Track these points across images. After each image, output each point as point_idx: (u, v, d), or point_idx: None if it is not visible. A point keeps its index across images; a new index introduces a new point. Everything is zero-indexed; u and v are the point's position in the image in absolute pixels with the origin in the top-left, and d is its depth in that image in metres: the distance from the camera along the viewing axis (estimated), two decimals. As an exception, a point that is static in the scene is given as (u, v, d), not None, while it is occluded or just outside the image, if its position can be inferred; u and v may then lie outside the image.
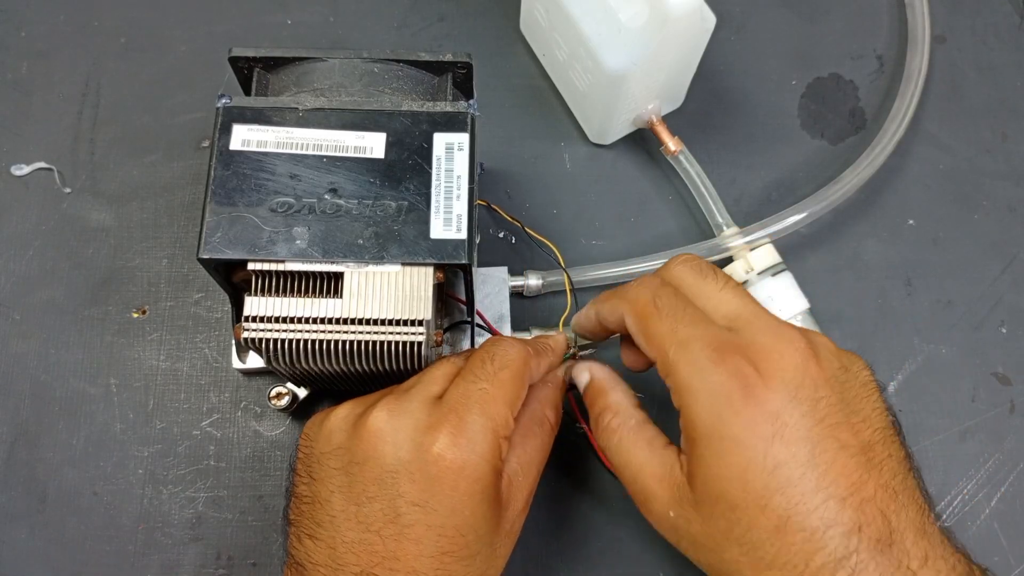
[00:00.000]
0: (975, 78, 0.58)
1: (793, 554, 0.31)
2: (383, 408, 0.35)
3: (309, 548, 0.35)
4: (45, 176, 0.52)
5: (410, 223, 0.37)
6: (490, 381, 0.36)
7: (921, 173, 0.55)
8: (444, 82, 0.42)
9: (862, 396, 0.34)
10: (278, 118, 0.39)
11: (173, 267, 0.51)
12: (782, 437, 0.32)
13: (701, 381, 0.33)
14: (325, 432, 0.37)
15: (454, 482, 0.33)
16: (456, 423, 0.34)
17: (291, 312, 0.36)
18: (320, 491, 0.35)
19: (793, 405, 0.32)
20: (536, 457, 0.38)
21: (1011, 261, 0.53)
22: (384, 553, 0.33)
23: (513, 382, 0.36)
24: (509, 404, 0.36)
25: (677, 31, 0.45)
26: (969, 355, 0.51)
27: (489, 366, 0.36)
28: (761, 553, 0.32)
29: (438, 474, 0.33)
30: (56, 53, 0.55)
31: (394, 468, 0.34)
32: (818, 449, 0.32)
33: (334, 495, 0.35)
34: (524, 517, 0.38)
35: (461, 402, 0.35)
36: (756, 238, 0.49)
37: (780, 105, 0.57)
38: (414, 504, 0.33)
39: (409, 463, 0.34)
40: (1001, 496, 0.48)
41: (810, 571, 0.31)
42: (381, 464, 0.34)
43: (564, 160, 0.54)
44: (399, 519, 0.33)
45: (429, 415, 0.35)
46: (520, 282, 0.49)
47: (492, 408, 0.35)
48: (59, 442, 0.47)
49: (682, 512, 0.34)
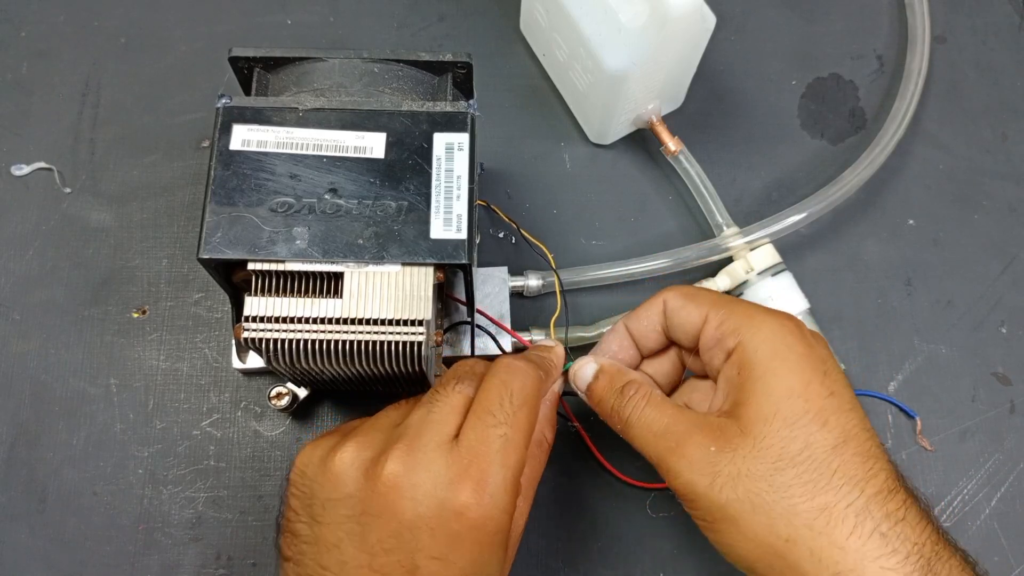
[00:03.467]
0: (975, 78, 0.58)
1: (850, 477, 0.32)
2: (397, 460, 0.33)
3: None
4: (45, 176, 0.52)
5: (410, 223, 0.37)
6: (510, 424, 0.34)
7: (921, 173, 0.55)
8: (444, 82, 0.42)
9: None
10: (278, 118, 0.39)
11: (173, 267, 0.51)
12: (831, 375, 0.35)
13: (762, 319, 0.36)
14: (331, 477, 0.34)
15: (476, 537, 0.32)
16: (478, 477, 0.33)
17: (291, 312, 0.36)
18: (326, 535, 0.34)
19: (831, 362, 0.36)
20: (536, 478, 0.38)
21: (1011, 261, 0.53)
22: None
23: (530, 419, 0.35)
24: (527, 444, 0.35)
25: (677, 31, 0.45)
26: (969, 355, 0.51)
27: (508, 405, 0.34)
28: (817, 475, 0.32)
29: (460, 530, 0.32)
30: (56, 53, 0.55)
31: (413, 523, 0.32)
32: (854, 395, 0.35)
33: (344, 542, 0.33)
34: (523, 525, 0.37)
35: (482, 451, 0.33)
36: (756, 238, 0.49)
37: (780, 105, 0.57)
38: (434, 558, 0.32)
39: (430, 519, 0.32)
40: (1001, 496, 0.48)
41: (865, 496, 0.32)
42: (399, 519, 0.32)
43: (564, 160, 0.54)
44: (417, 571, 0.32)
45: (448, 466, 0.33)
46: (520, 282, 0.49)
47: (514, 456, 0.34)
48: (59, 442, 0.47)
49: (726, 443, 0.34)
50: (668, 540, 0.46)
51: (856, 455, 0.33)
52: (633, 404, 0.37)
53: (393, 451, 0.33)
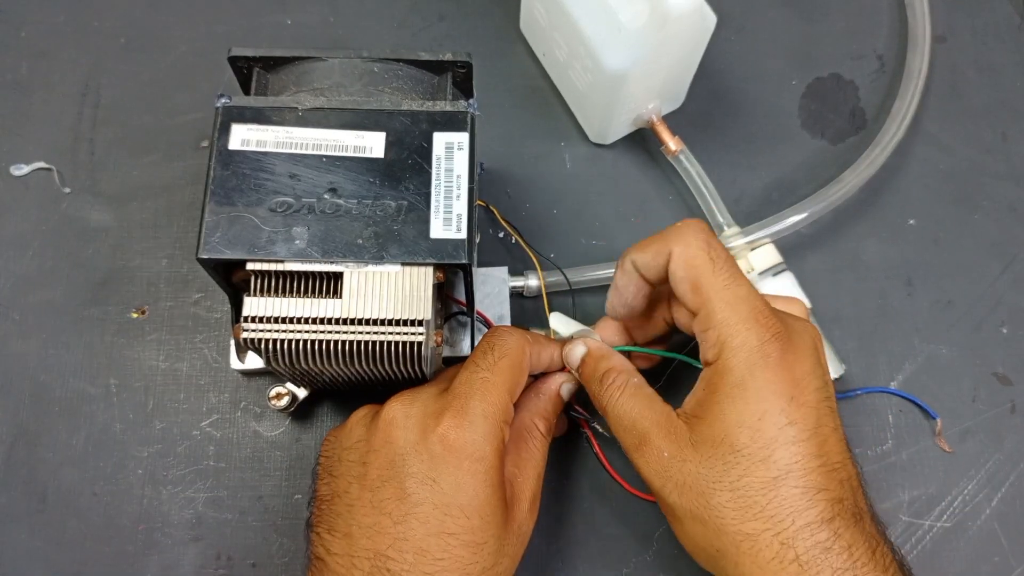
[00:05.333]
0: (975, 78, 0.58)
1: (783, 508, 0.33)
2: (397, 400, 0.38)
3: (327, 541, 0.36)
4: (45, 176, 0.52)
5: (410, 223, 0.37)
6: (490, 370, 0.37)
7: (921, 173, 0.55)
8: (444, 82, 0.42)
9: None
10: (277, 118, 0.39)
11: (173, 267, 0.50)
12: (799, 401, 0.35)
13: (744, 339, 0.35)
14: (346, 431, 0.39)
15: (457, 460, 0.35)
16: (459, 407, 0.36)
17: (290, 312, 0.36)
18: (339, 485, 0.37)
19: (812, 378, 0.36)
20: (530, 461, 0.39)
21: (1011, 261, 0.53)
22: (395, 534, 0.35)
23: (512, 370, 0.38)
24: (508, 391, 0.38)
25: (677, 31, 0.45)
26: (969, 355, 0.51)
27: (490, 356, 0.38)
28: (751, 502, 0.34)
29: (442, 453, 0.35)
30: (56, 53, 0.55)
31: (403, 450, 0.36)
32: (822, 421, 0.35)
33: (351, 485, 0.37)
34: (531, 522, 0.39)
35: (463, 389, 0.37)
36: (757, 238, 0.49)
37: (780, 105, 0.57)
38: (421, 483, 0.35)
39: (416, 443, 0.36)
40: (1001, 496, 0.48)
41: (795, 527, 0.33)
42: (393, 448, 0.36)
43: (564, 160, 0.54)
44: (407, 498, 0.35)
45: (436, 402, 0.37)
46: (520, 282, 0.49)
47: (492, 394, 0.37)
48: (59, 442, 0.47)
49: (678, 452, 0.36)
50: (668, 541, 0.46)
51: (795, 488, 0.34)
52: (609, 394, 0.39)
53: (395, 396, 0.38)
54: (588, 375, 0.41)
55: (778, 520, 0.33)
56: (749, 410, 0.35)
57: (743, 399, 0.35)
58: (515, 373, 0.38)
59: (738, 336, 0.36)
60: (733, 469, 0.34)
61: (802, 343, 0.36)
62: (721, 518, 0.34)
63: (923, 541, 0.47)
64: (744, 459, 0.34)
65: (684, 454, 0.36)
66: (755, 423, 0.34)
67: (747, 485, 0.34)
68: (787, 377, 0.35)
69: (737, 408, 0.35)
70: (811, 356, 0.36)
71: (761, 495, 0.34)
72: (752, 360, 0.35)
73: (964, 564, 0.46)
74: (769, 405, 0.34)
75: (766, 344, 0.35)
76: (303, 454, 0.47)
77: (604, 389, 0.40)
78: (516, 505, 0.38)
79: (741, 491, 0.34)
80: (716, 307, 0.36)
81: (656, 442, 0.37)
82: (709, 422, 0.35)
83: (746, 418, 0.34)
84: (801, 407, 0.35)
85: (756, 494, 0.34)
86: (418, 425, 0.36)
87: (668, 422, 0.37)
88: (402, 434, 0.36)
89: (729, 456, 0.34)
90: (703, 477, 0.35)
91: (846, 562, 0.33)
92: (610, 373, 0.40)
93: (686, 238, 0.38)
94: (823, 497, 0.34)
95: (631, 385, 0.39)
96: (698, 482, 0.35)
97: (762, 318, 0.36)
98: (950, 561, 0.46)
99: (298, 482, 0.47)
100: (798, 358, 0.36)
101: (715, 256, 0.37)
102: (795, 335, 0.36)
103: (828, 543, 0.33)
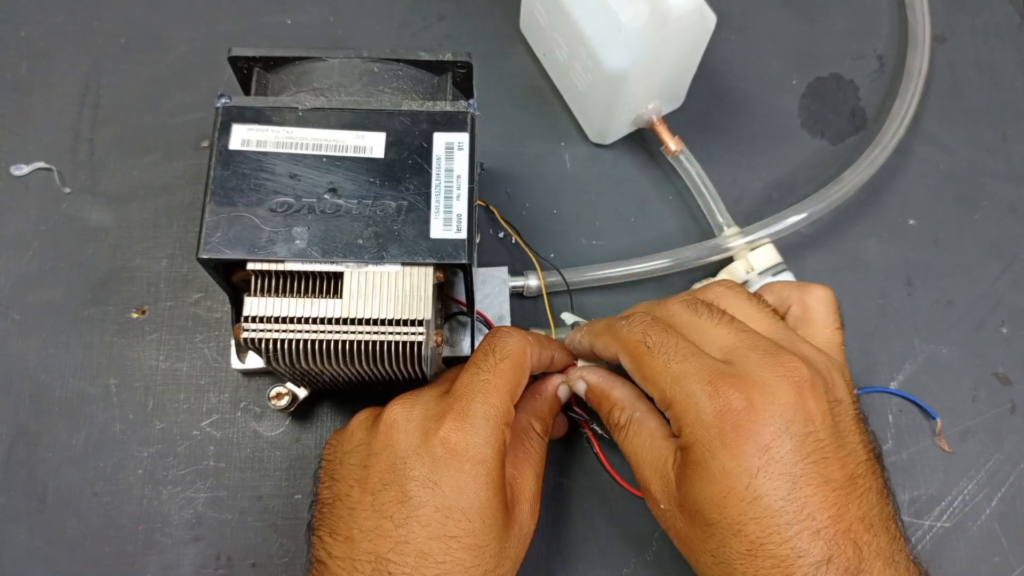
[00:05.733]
0: (975, 78, 0.58)
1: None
2: (397, 402, 0.38)
3: (329, 544, 0.36)
4: (45, 176, 0.52)
5: (410, 223, 0.37)
6: (491, 371, 0.37)
7: (921, 173, 0.55)
8: (444, 82, 0.42)
9: (851, 429, 0.36)
10: (278, 118, 0.39)
11: (173, 267, 0.50)
12: (767, 471, 0.33)
13: (696, 415, 0.34)
14: (347, 434, 0.39)
15: (459, 463, 0.35)
16: (460, 410, 0.36)
17: (291, 312, 0.36)
18: (341, 489, 0.37)
19: (784, 439, 0.33)
20: (528, 462, 0.40)
21: (1011, 261, 0.53)
22: (396, 537, 0.35)
23: (513, 371, 0.38)
24: (509, 392, 0.37)
25: (677, 31, 0.45)
26: (969, 355, 0.51)
27: (491, 358, 0.38)
28: (731, 569, 0.34)
29: (444, 455, 0.35)
30: (56, 53, 0.55)
31: (405, 453, 0.36)
32: (800, 483, 0.33)
33: (353, 488, 0.37)
34: (532, 523, 0.39)
35: (465, 391, 0.37)
36: (757, 238, 0.49)
37: (780, 105, 0.57)
38: (423, 486, 0.35)
39: (418, 447, 0.36)
40: (1001, 496, 0.48)
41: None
42: (395, 451, 0.36)
43: (564, 160, 0.54)
44: (409, 501, 0.35)
45: (438, 405, 0.37)
46: (520, 282, 0.49)
47: (493, 397, 0.37)
48: (59, 442, 0.47)
49: (670, 508, 0.37)
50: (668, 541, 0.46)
51: (768, 559, 0.33)
52: (618, 429, 0.40)
53: (396, 399, 0.38)
54: (594, 406, 0.42)
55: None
56: (714, 489, 0.34)
57: (707, 478, 0.34)
58: (516, 375, 0.38)
59: (690, 411, 0.35)
60: (711, 539, 0.34)
61: (768, 399, 0.34)
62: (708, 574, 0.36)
63: (923, 541, 0.47)
64: (718, 532, 0.34)
65: (675, 512, 0.36)
66: (721, 500, 0.34)
67: (726, 555, 0.34)
68: (750, 449, 0.33)
69: (702, 486, 0.34)
70: (781, 411, 0.34)
71: (740, 564, 0.34)
72: (709, 438, 0.34)
73: (964, 564, 0.46)
74: (732, 482, 0.33)
75: (724, 415, 0.34)
76: (303, 454, 0.47)
77: (612, 427, 0.40)
78: (517, 507, 0.38)
79: (721, 558, 0.34)
80: (665, 387, 0.36)
81: (654, 493, 0.37)
82: (684, 493, 0.35)
83: (712, 496, 0.34)
84: (770, 477, 0.33)
85: (735, 562, 0.34)
86: (419, 428, 0.36)
87: (663, 471, 0.37)
88: (403, 437, 0.36)
89: (705, 527, 0.35)
90: (689, 538, 0.36)
91: None
92: (613, 411, 0.40)
93: (623, 335, 0.38)
94: (803, 563, 0.32)
95: (633, 422, 0.39)
96: (688, 539, 0.36)
97: (711, 387, 0.34)
98: (950, 561, 0.46)
99: (298, 482, 0.47)
100: (763, 421, 0.33)
101: (652, 342, 0.37)
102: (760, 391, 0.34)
103: None
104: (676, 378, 0.35)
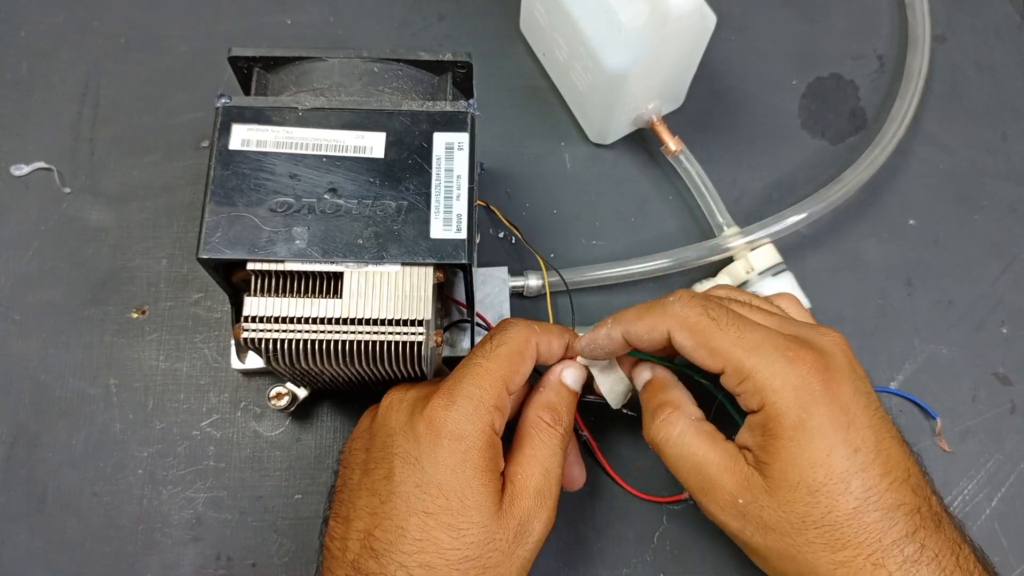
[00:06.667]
0: (975, 78, 0.58)
1: (869, 533, 0.34)
2: (398, 388, 0.39)
3: (332, 528, 0.38)
4: (45, 176, 0.52)
5: (410, 223, 0.37)
6: (486, 357, 0.38)
7: (921, 173, 0.55)
8: (444, 82, 0.42)
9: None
10: (277, 118, 0.39)
11: (173, 267, 0.50)
12: (855, 425, 0.35)
13: (784, 379, 0.35)
14: (358, 425, 0.41)
15: (436, 438, 0.36)
16: (447, 389, 0.37)
17: (291, 312, 0.36)
18: (346, 474, 0.39)
19: (856, 397, 0.35)
20: (535, 456, 0.38)
21: (1011, 261, 0.53)
22: (381, 514, 0.35)
23: (509, 358, 0.38)
24: (502, 377, 0.37)
25: (677, 31, 0.45)
26: (969, 355, 0.51)
27: (488, 344, 0.38)
28: (839, 534, 0.34)
29: (425, 431, 0.36)
30: (56, 53, 0.55)
31: (394, 430, 0.37)
32: (880, 436, 0.35)
33: (355, 472, 0.38)
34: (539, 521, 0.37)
35: (456, 374, 0.38)
36: (757, 238, 0.49)
37: (780, 105, 0.57)
38: (405, 462, 0.36)
39: (404, 424, 0.37)
40: (1002, 496, 0.48)
41: (883, 547, 0.33)
42: (388, 429, 0.37)
43: (564, 160, 0.54)
44: (392, 477, 0.36)
45: (429, 387, 0.38)
46: (520, 282, 0.49)
47: (482, 379, 0.37)
48: (59, 442, 0.47)
49: (754, 499, 0.36)
50: (668, 541, 0.46)
51: (876, 511, 0.34)
52: (669, 427, 0.38)
53: (395, 386, 0.40)
54: (644, 403, 0.41)
55: (867, 544, 0.33)
56: (816, 448, 0.34)
57: (807, 440, 0.34)
58: (513, 361, 0.38)
59: (777, 378, 0.35)
60: (815, 508, 0.34)
61: (835, 362, 0.36)
62: (812, 554, 0.34)
63: (923, 541, 0.47)
64: (824, 497, 0.34)
65: (760, 500, 0.35)
66: (825, 460, 0.34)
67: (832, 520, 0.34)
68: (838, 407, 0.35)
69: (804, 450, 0.34)
70: (848, 372, 0.36)
71: (847, 526, 0.34)
72: (802, 399, 0.35)
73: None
74: (832, 438, 0.34)
75: (808, 377, 0.35)
76: (303, 454, 0.47)
77: (657, 424, 0.39)
78: (516, 501, 0.37)
79: (827, 526, 0.34)
80: (741, 358, 0.36)
81: (728, 488, 0.36)
82: (780, 467, 0.35)
83: (816, 457, 0.34)
84: (860, 431, 0.35)
85: (842, 526, 0.34)
86: (409, 407, 0.37)
87: (736, 466, 0.36)
88: (395, 415, 0.37)
89: (808, 497, 0.34)
90: (786, 520, 0.35)
91: (935, 572, 0.33)
92: (665, 407, 0.39)
93: (679, 313, 0.37)
94: (902, 512, 0.34)
95: (690, 422, 0.38)
96: (781, 524, 0.35)
97: (791, 352, 0.35)
98: (950, 561, 0.46)
99: (298, 482, 0.47)
100: (840, 381, 0.35)
101: (715, 315, 0.37)
102: (827, 356, 0.36)
103: (916, 556, 0.33)
104: (753, 348, 0.36)
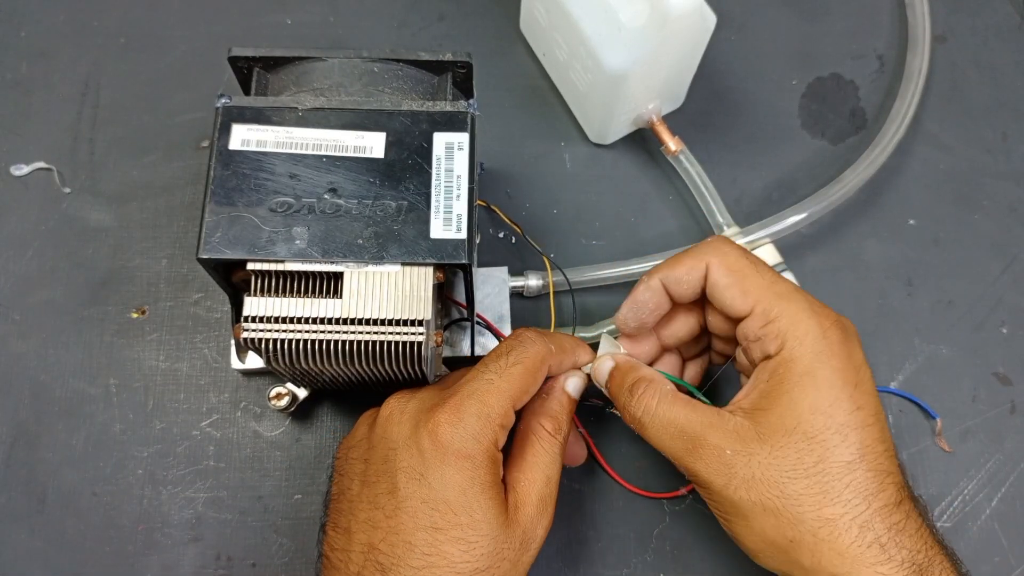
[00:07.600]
0: (975, 78, 0.58)
1: (858, 492, 0.34)
2: (395, 396, 0.39)
3: (332, 538, 0.37)
4: (45, 176, 0.52)
5: (410, 223, 0.37)
6: (498, 373, 0.37)
7: (921, 173, 0.55)
8: (444, 82, 0.42)
9: None
10: (277, 118, 0.39)
11: (173, 267, 0.50)
12: (863, 387, 0.36)
13: (807, 327, 0.36)
14: (353, 431, 0.40)
15: (443, 456, 0.35)
16: (454, 405, 0.36)
17: (291, 312, 0.36)
18: (344, 484, 0.38)
19: (866, 365, 0.37)
20: (536, 464, 0.38)
21: (1011, 261, 0.53)
22: (386, 527, 0.35)
23: (522, 377, 0.37)
24: (511, 397, 0.37)
25: (677, 31, 0.45)
26: (969, 355, 0.51)
27: (503, 360, 0.38)
28: (828, 487, 0.34)
29: (430, 447, 0.35)
30: (56, 53, 0.55)
31: (396, 443, 0.36)
32: (879, 407, 0.36)
33: (354, 482, 0.37)
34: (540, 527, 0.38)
35: (463, 388, 0.37)
36: (757, 238, 0.49)
37: (780, 105, 0.57)
38: (410, 477, 0.35)
39: (408, 438, 0.36)
40: (1002, 496, 0.48)
41: (871, 510, 0.34)
42: (389, 442, 0.37)
43: (564, 160, 0.54)
44: (397, 492, 0.35)
45: (432, 398, 0.37)
46: (520, 282, 0.49)
47: (492, 397, 0.36)
48: (59, 442, 0.47)
49: (743, 447, 0.36)
50: (668, 541, 0.46)
51: (869, 471, 0.34)
52: (644, 403, 0.39)
53: (394, 394, 0.39)
54: (616, 388, 0.41)
55: (855, 504, 0.34)
56: (822, 396, 0.35)
57: (814, 386, 0.35)
58: (525, 381, 0.37)
59: (800, 325, 0.36)
60: (808, 456, 0.34)
61: (853, 331, 0.37)
62: (798, 506, 0.34)
63: (923, 541, 0.47)
64: (819, 445, 0.34)
65: (750, 448, 0.35)
66: (828, 408, 0.35)
67: (824, 471, 0.34)
68: (850, 365, 0.36)
69: (809, 395, 0.35)
70: (860, 345, 0.37)
71: (838, 479, 0.34)
72: (818, 348, 0.36)
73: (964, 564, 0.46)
74: (839, 391, 0.35)
75: (828, 331, 0.36)
76: (303, 454, 0.47)
77: (636, 399, 0.39)
78: (520, 509, 0.37)
79: (818, 476, 0.34)
80: (771, 302, 0.37)
81: (714, 441, 0.36)
82: (779, 412, 0.35)
83: (820, 404, 0.35)
84: (864, 394, 0.35)
85: (833, 479, 0.34)
86: (411, 420, 0.37)
87: (721, 421, 0.37)
88: (396, 428, 0.37)
89: (803, 443, 0.35)
90: (775, 467, 0.35)
91: (918, 543, 0.34)
92: (640, 383, 0.39)
93: (721, 248, 0.39)
94: (891, 481, 0.34)
95: (664, 393, 0.38)
96: (769, 473, 0.35)
97: (817, 307, 0.37)
98: (950, 561, 0.46)
99: (298, 482, 0.47)
100: (855, 346, 0.37)
101: (752, 259, 0.38)
102: (845, 323, 0.37)
103: (901, 525, 0.34)
104: (783, 294, 0.37)
